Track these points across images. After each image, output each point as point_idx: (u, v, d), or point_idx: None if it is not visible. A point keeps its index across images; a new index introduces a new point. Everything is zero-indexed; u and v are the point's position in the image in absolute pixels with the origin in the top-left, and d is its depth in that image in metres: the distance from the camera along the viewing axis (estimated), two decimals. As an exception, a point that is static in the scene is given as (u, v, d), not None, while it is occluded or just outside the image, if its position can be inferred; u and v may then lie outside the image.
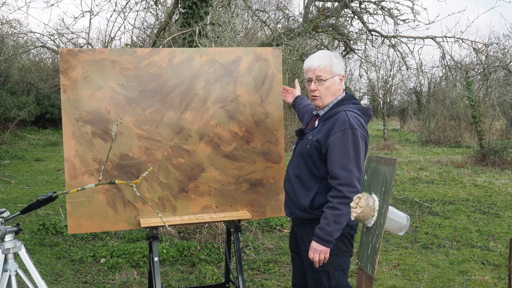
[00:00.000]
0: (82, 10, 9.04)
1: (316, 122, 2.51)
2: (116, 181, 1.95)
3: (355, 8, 7.01)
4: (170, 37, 5.25)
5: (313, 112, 2.62)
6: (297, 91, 3.14)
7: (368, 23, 7.17)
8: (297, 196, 2.49)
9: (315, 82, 2.46)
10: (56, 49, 8.08)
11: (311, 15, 7.12)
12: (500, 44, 12.42)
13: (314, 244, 2.32)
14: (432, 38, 7.43)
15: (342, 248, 2.43)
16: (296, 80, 3.22)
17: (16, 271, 2.18)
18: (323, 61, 2.45)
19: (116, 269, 4.36)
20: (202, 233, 5.16)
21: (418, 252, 5.10)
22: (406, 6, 7.50)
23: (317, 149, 2.41)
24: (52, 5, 6.86)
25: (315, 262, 2.35)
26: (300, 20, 7.41)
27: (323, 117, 2.49)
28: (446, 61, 8.17)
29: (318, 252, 2.31)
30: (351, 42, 7.83)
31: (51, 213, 6.41)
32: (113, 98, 2.79)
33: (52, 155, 12.84)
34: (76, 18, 7.19)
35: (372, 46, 7.73)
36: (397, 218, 1.77)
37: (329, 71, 2.45)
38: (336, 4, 6.95)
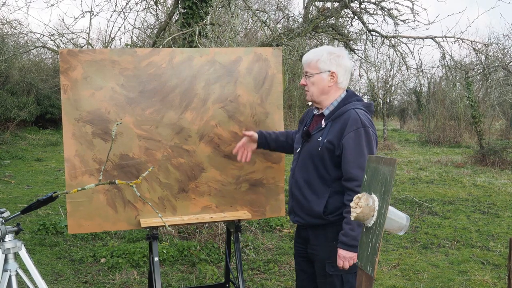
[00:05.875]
0: (82, 10, 9.04)
1: (323, 122, 2.41)
2: (116, 181, 1.95)
3: (355, 8, 7.01)
4: (170, 37, 5.25)
5: (315, 112, 2.52)
6: (252, 133, 2.75)
7: (368, 23, 7.17)
8: (308, 202, 2.40)
9: (304, 77, 2.46)
10: (56, 49, 8.08)
11: (311, 15, 7.12)
12: (500, 44, 12.43)
13: (342, 252, 2.25)
14: (432, 38, 7.43)
15: None
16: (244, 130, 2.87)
17: (16, 271, 2.18)
18: (310, 56, 2.42)
19: (116, 269, 4.37)
20: (202, 233, 5.16)
21: (418, 252, 5.10)
22: (406, 6, 7.50)
23: (329, 151, 2.32)
24: (52, 5, 6.87)
25: (345, 270, 2.29)
26: (300, 20, 7.42)
27: (329, 116, 2.39)
28: (446, 61, 8.17)
29: (347, 259, 2.25)
30: (351, 42, 7.83)
31: (51, 213, 6.42)
32: (113, 98, 2.79)
33: (52, 155, 12.84)
34: (76, 18, 7.22)
35: (372, 46, 7.73)
36: (397, 218, 1.77)
37: (315, 66, 2.39)
38: (336, 4, 6.96)
